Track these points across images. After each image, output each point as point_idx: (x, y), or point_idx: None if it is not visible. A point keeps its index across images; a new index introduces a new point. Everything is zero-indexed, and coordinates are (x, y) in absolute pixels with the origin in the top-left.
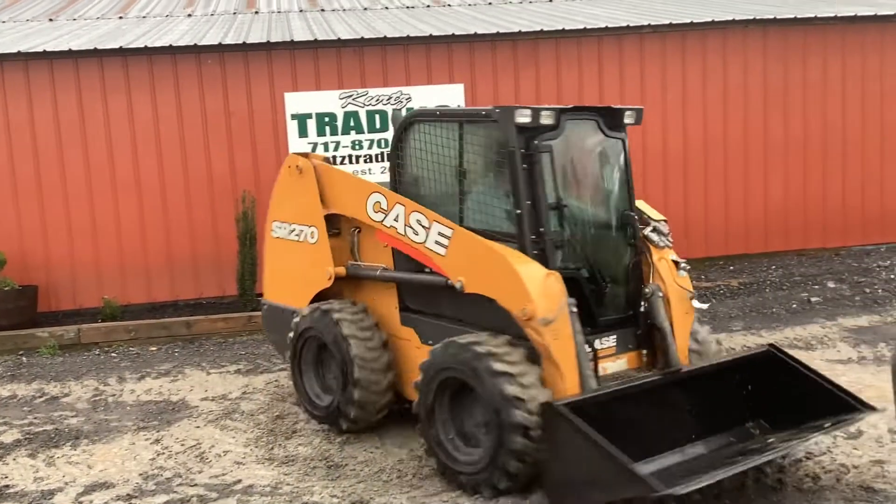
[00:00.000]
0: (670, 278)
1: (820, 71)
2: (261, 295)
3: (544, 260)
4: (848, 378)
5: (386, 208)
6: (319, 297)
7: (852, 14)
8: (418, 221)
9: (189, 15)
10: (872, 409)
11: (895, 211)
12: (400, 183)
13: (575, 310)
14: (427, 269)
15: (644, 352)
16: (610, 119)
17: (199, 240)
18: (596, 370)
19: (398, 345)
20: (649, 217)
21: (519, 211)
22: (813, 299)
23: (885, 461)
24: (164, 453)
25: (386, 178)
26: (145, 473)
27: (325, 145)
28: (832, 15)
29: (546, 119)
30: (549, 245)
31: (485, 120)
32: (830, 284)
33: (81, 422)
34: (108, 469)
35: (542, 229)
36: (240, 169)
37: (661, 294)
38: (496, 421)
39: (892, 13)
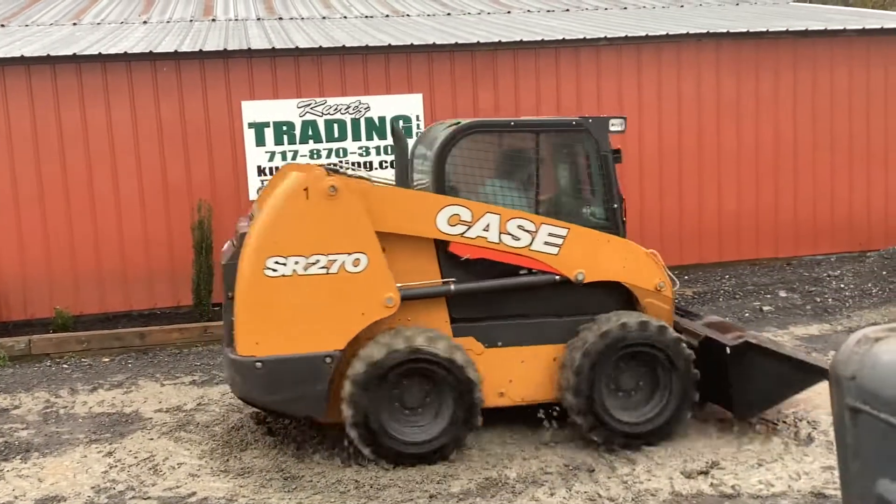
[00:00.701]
0: None
1: (772, 84)
2: (218, 305)
3: None
4: None
5: (469, 220)
6: None
7: (803, 28)
8: (520, 227)
9: (144, 22)
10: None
11: (845, 221)
12: (448, 191)
13: None
14: (524, 271)
15: None
16: None
17: (154, 249)
18: None
19: None
20: None
21: (616, 205)
22: (765, 308)
23: (836, 467)
24: (116, 466)
25: None
26: (97, 487)
27: (283, 154)
28: (784, 29)
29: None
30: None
31: (573, 128)
32: (782, 293)
33: (32, 434)
34: (60, 482)
35: (625, 219)
36: (196, 177)
37: None
38: (682, 392)
39: (841, 28)
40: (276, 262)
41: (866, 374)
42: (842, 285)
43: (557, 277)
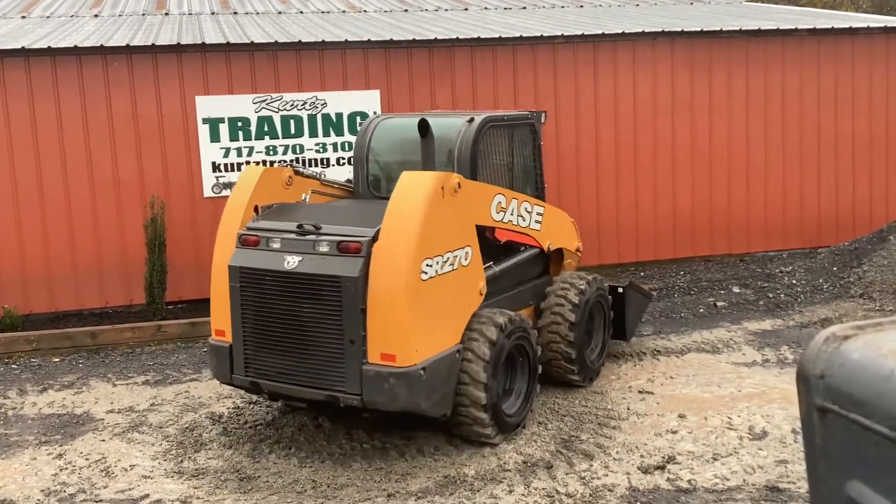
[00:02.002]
0: None
1: (725, 82)
2: (172, 304)
3: None
4: (753, 380)
5: (506, 206)
6: None
7: (756, 28)
8: (525, 209)
9: (96, 15)
10: None
11: (796, 218)
12: (475, 178)
13: None
14: (523, 248)
15: None
16: None
17: (106, 246)
18: None
19: None
20: None
21: (546, 185)
22: (719, 304)
23: (789, 461)
24: (67, 468)
25: None
26: (47, 489)
27: (239, 150)
28: (737, 28)
29: None
30: None
31: (527, 121)
32: (735, 289)
33: None
34: (8, 485)
35: None
36: (148, 174)
37: None
38: (607, 327)
39: (792, 28)
40: (427, 265)
41: (835, 374)
42: (793, 281)
43: (538, 249)
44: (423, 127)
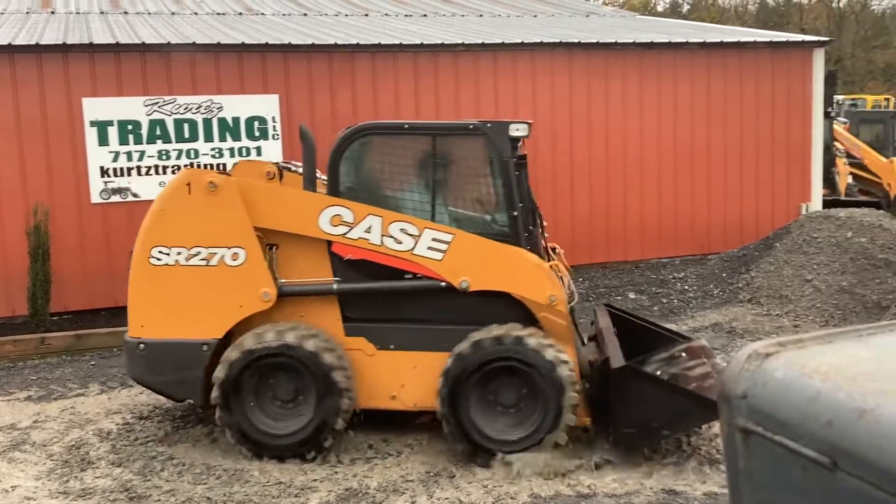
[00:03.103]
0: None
1: (620, 93)
2: (56, 315)
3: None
4: None
5: (351, 221)
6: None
7: (649, 41)
8: (402, 230)
9: None
10: (689, 339)
11: (687, 226)
12: (343, 193)
13: None
14: (409, 275)
15: None
16: None
17: None
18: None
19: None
20: None
21: (515, 213)
22: None
23: (684, 464)
24: None
25: None
26: None
27: (129, 154)
28: (631, 41)
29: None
30: (532, 241)
31: (470, 133)
32: (631, 295)
33: None
34: None
35: (531, 227)
36: (31, 178)
37: None
38: (555, 410)
39: (684, 41)
40: (160, 252)
41: (758, 393)
42: (686, 287)
43: (443, 284)
44: (301, 133)
